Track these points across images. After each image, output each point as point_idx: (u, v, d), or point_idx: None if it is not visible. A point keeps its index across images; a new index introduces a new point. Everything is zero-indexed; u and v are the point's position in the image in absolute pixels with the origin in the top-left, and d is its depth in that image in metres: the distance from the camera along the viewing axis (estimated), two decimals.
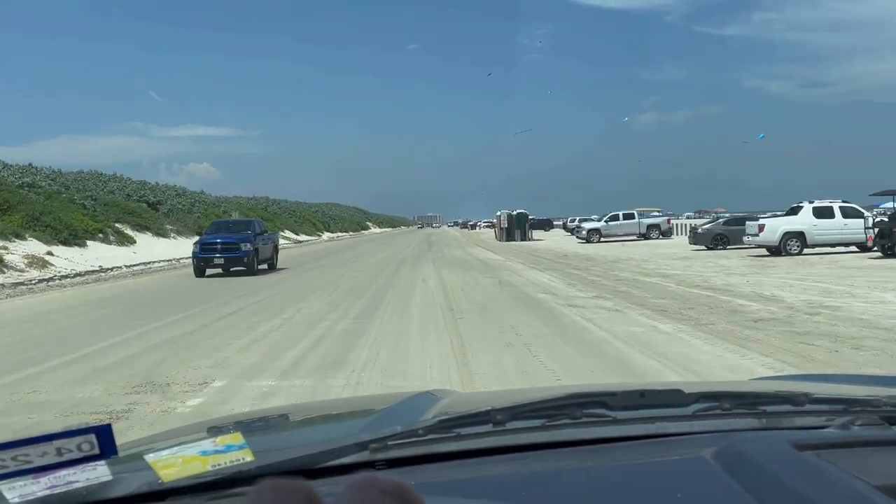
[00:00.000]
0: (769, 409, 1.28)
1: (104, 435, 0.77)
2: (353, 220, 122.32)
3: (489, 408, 1.16)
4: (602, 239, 39.71)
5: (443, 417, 1.16)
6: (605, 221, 40.26)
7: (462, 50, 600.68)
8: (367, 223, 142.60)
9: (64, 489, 0.80)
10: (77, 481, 0.81)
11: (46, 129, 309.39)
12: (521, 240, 47.37)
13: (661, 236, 39.99)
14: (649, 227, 40.15)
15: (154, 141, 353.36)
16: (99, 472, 0.81)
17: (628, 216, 40.35)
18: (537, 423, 1.16)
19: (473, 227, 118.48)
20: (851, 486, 0.87)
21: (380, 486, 0.45)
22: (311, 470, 1.00)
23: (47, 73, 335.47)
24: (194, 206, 47.94)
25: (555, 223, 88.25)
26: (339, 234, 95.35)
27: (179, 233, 40.56)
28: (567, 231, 59.08)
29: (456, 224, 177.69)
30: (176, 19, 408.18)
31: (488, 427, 1.13)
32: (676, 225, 43.20)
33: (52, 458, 0.74)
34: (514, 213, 48.90)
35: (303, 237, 71.66)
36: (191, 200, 48.98)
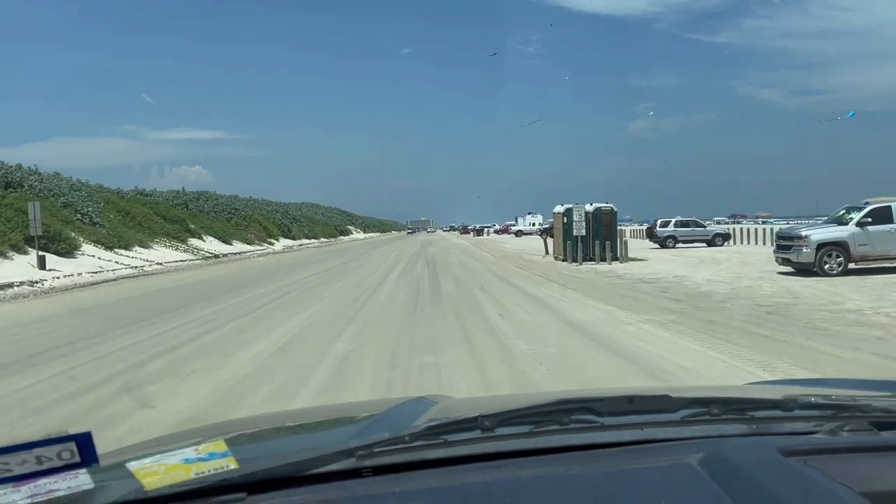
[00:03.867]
0: (758, 414, 1.25)
1: (84, 443, 0.76)
2: (328, 224, 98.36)
3: (477, 414, 1.14)
4: (855, 263, 16.36)
5: (430, 424, 1.14)
6: (861, 224, 16.61)
7: (455, 55, 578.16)
8: (349, 227, 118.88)
9: (45, 498, 0.78)
10: (58, 490, 0.79)
11: (38, 132, 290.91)
12: (611, 259, 23.93)
13: None
14: None
15: (147, 144, 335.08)
16: (80, 481, 0.80)
17: None
18: (525, 429, 1.15)
19: (480, 232, 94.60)
20: (836, 493, 0.86)
21: None
22: (296, 477, 0.97)
23: (39, 75, 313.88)
24: None
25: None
26: (305, 241, 71.60)
27: None
28: (654, 241, 35.56)
29: (452, 228, 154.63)
30: (170, 23, 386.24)
31: (476, 433, 1.11)
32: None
33: (31, 467, 0.74)
34: (590, 207, 25.42)
35: (237, 247, 47.83)
36: None
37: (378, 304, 13.58)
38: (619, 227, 26.72)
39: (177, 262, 32.72)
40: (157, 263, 30.53)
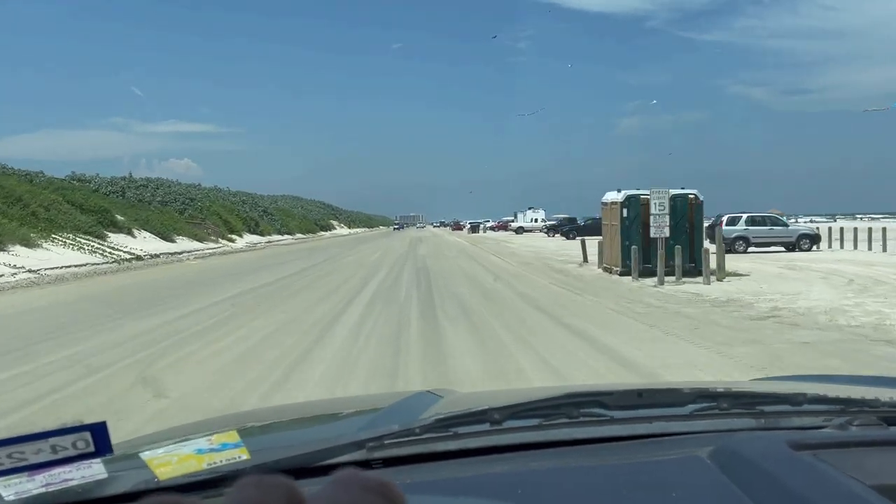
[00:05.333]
0: (767, 409, 1.25)
1: (99, 433, 0.76)
2: (307, 218, 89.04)
3: (486, 407, 1.13)
4: None
5: (440, 416, 1.12)
6: None
7: (446, 52, 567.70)
8: (332, 221, 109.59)
9: (60, 487, 0.79)
10: (72, 479, 0.79)
11: (25, 124, 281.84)
12: (706, 274, 14.96)
13: None
14: None
15: (135, 136, 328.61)
16: (94, 470, 0.80)
17: None
18: (534, 422, 1.14)
19: (475, 228, 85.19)
20: (847, 485, 0.85)
21: (361, 482, 0.46)
22: (307, 468, 0.97)
23: (26, 66, 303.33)
24: None
25: None
26: (277, 237, 62.48)
27: None
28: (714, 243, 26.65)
29: (443, 224, 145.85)
30: (159, 14, 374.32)
31: (485, 426, 1.11)
32: None
33: (47, 456, 0.74)
34: (668, 194, 16.42)
35: (182, 245, 38.68)
36: None
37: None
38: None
39: (70, 267, 23.56)
40: (31, 271, 21.38)
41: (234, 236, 51.28)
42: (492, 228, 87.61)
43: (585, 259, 21.83)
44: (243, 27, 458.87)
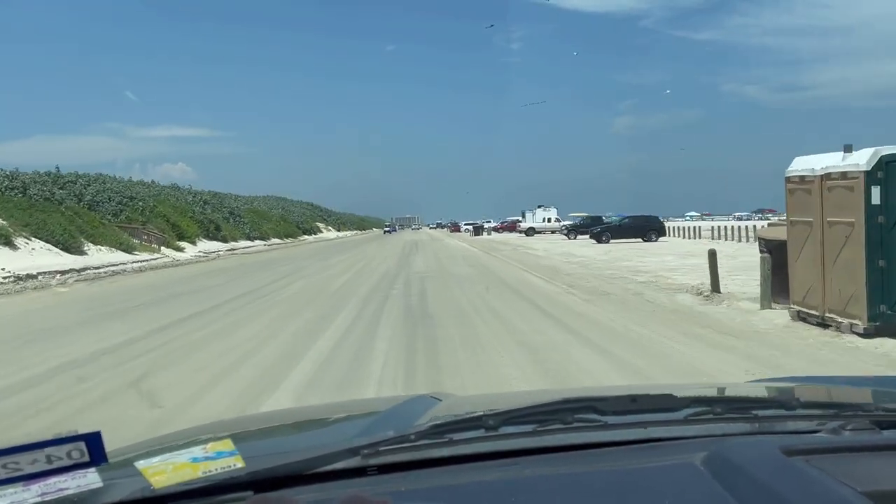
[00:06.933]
0: (761, 413, 1.25)
1: (93, 442, 0.77)
2: (287, 220, 78.92)
3: (481, 413, 1.14)
4: None
5: (435, 422, 1.14)
6: None
7: (440, 51, 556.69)
8: (318, 224, 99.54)
9: (55, 497, 0.79)
10: (68, 488, 0.80)
11: (18, 130, 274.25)
12: None
13: None
14: None
15: (129, 141, 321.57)
16: (89, 480, 0.81)
17: None
18: (529, 428, 1.14)
19: (479, 230, 74.88)
20: (838, 492, 0.85)
21: None
22: (302, 476, 0.97)
23: (20, 71, 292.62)
24: None
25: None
26: (247, 243, 52.69)
27: None
28: None
29: (440, 225, 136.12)
30: (152, 19, 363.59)
31: (480, 432, 1.11)
32: None
33: (42, 466, 0.75)
34: None
35: (97, 257, 28.79)
36: None
37: None
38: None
39: None
40: None
41: (183, 243, 41.33)
42: (495, 229, 77.85)
43: (716, 287, 12.00)
44: (239, 28, 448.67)
